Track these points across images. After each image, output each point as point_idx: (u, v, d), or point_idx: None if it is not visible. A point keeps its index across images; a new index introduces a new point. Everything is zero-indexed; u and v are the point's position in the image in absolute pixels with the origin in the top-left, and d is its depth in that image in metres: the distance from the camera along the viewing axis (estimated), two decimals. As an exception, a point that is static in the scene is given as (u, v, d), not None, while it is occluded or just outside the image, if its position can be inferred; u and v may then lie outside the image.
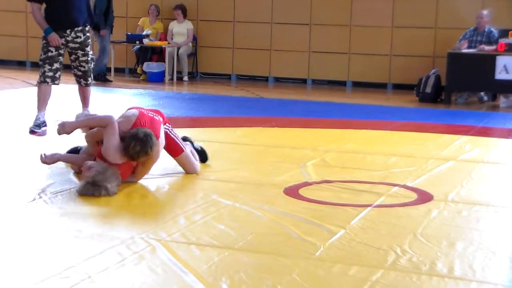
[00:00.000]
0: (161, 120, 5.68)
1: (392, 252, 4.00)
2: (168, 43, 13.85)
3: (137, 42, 13.75)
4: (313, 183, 5.65)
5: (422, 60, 12.93)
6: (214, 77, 14.44)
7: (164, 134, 5.62)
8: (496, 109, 11.17)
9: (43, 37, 7.60)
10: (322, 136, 7.89)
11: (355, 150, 7.05)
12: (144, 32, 13.86)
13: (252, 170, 6.08)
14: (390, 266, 3.80)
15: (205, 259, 3.84)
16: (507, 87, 11.06)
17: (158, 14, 14.24)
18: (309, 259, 3.88)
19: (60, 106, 9.05)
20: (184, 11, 14.03)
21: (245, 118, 9.22)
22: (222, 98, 11.55)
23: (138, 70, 14.19)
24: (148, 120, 5.54)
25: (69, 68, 7.93)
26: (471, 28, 11.72)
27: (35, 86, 7.98)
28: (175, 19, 14.13)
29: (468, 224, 4.67)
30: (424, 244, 4.18)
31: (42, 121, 7.59)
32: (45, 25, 7.57)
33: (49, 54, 7.59)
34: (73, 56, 7.73)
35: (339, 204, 5.02)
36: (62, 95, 9.57)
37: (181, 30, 14.05)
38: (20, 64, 15.32)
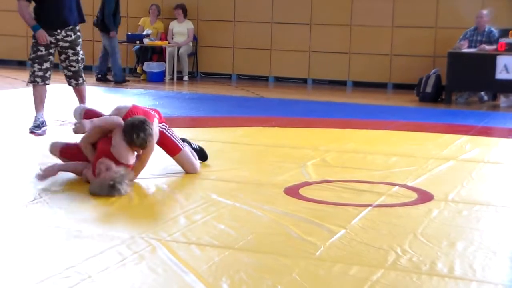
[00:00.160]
0: (156, 115, 5.68)
1: (392, 252, 4.00)
2: (169, 43, 13.85)
3: (137, 42, 13.75)
4: (313, 182, 5.65)
5: (423, 60, 12.92)
6: (214, 76, 14.44)
7: (160, 133, 5.62)
8: (497, 108, 11.16)
9: (33, 35, 7.48)
10: (322, 136, 7.89)
11: (356, 150, 7.05)
12: (145, 32, 13.86)
13: (253, 170, 6.08)
14: (391, 266, 3.80)
15: (205, 259, 3.84)
16: (507, 87, 11.05)
17: (158, 14, 14.24)
18: (309, 259, 3.88)
19: (60, 105, 9.05)
20: (184, 10, 14.02)
21: (245, 118, 9.22)
22: (222, 98, 11.55)
23: (139, 70, 14.19)
24: (141, 112, 5.56)
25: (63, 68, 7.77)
26: (471, 28, 11.71)
27: (25, 85, 7.91)
28: (175, 18, 14.13)
29: (468, 224, 4.67)
30: (425, 244, 4.18)
31: (41, 121, 7.57)
32: (32, 22, 7.44)
33: (38, 54, 7.49)
34: (63, 56, 7.61)
35: (339, 204, 5.02)
36: (62, 95, 9.56)
37: (181, 30, 14.05)
38: (20, 64, 15.31)
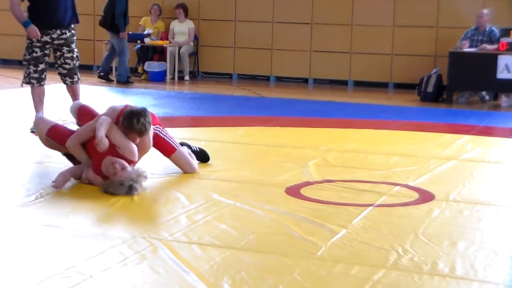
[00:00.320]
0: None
1: (393, 252, 4.00)
2: (170, 43, 13.85)
3: (138, 42, 13.75)
4: (314, 182, 5.65)
5: (424, 60, 12.92)
6: (215, 76, 14.44)
7: (154, 135, 5.61)
8: (498, 108, 11.15)
9: (27, 36, 7.44)
10: (323, 136, 7.89)
11: (357, 150, 7.05)
12: (146, 32, 13.85)
13: (254, 169, 6.08)
14: (392, 266, 3.80)
15: (206, 258, 3.84)
16: (508, 86, 11.04)
17: (159, 13, 14.23)
18: (310, 259, 3.88)
19: (61, 105, 9.04)
20: (185, 10, 14.02)
21: (246, 118, 9.22)
22: (223, 97, 11.55)
23: (140, 70, 14.19)
24: None
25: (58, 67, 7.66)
26: (472, 28, 11.70)
27: (20, 86, 7.89)
28: (176, 18, 14.13)
29: (469, 223, 4.67)
30: (426, 243, 4.18)
31: (42, 121, 7.57)
32: (23, 18, 7.40)
33: (33, 55, 7.47)
34: (58, 53, 7.56)
35: (340, 204, 5.02)
36: (62, 94, 9.55)
37: (182, 30, 14.05)
38: (21, 64, 15.26)
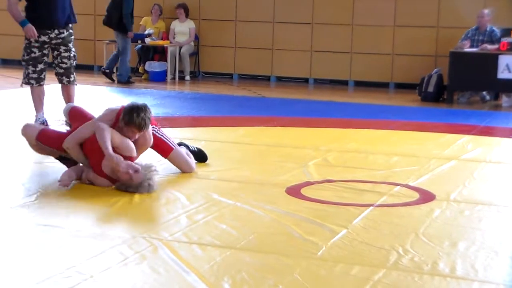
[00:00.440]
0: None
1: (394, 252, 4.00)
2: (170, 43, 13.85)
3: (139, 42, 13.75)
4: (315, 182, 5.65)
5: (424, 60, 12.91)
6: (216, 76, 14.43)
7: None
8: (498, 108, 11.15)
9: (25, 36, 7.43)
10: (324, 136, 7.89)
11: (357, 150, 7.05)
12: (146, 32, 13.85)
13: (254, 169, 6.08)
14: (392, 266, 3.80)
15: (207, 258, 3.84)
16: (509, 86, 11.03)
17: (160, 13, 14.24)
18: (311, 259, 3.88)
19: (61, 105, 9.03)
20: (186, 10, 14.02)
21: (247, 118, 9.22)
22: (224, 97, 11.55)
23: (140, 70, 14.19)
24: None
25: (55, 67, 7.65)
26: (473, 28, 11.70)
27: (20, 86, 7.89)
28: (177, 18, 14.12)
29: (470, 223, 4.66)
30: (426, 243, 4.18)
31: (42, 120, 7.56)
32: (20, 17, 7.39)
33: (32, 55, 7.48)
34: (55, 53, 7.55)
35: (341, 204, 5.02)
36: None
37: (183, 29, 14.05)
38: (21, 64, 15.27)
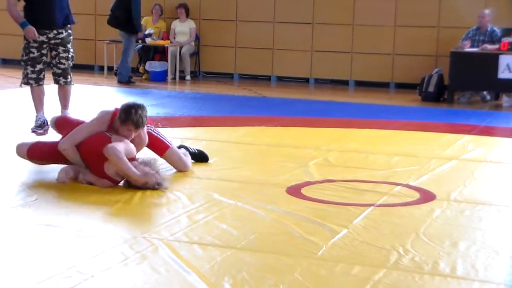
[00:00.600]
0: None
1: (394, 252, 4.00)
2: (171, 42, 13.85)
3: (139, 41, 13.75)
4: (315, 182, 5.65)
5: (425, 59, 12.91)
6: (216, 76, 14.43)
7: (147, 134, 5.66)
8: (499, 108, 11.15)
9: (24, 36, 7.42)
10: (324, 136, 7.89)
11: (358, 150, 7.05)
12: (147, 32, 13.85)
13: (255, 169, 6.08)
14: (393, 266, 3.80)
15: (207, 258, 3.84)
16: (510, 86, 11.04)
17: (161, 13, 14.24)
18: (311, 259, 3.88)
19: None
20: (187, 10, 14.02)
21: (247, 118, 9.22)
22: (224, 97, 11.55)
23: (141, 69, 14.19)
24: None
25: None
26: (473, 28, 11.70)
27: (19, 86, 7.89)
28: (177, 18, 14.12)
29: (470, 223, 4.66)
30: (427, 243, 4.18)
31: (43, 120, 7.56)
32: (20, 18, 7.39)
33: (31, 56, 7.47)
34: (53, 53, 7.55)
35: (341, 204, 5.02)
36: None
37: (183, 29, 14.05)
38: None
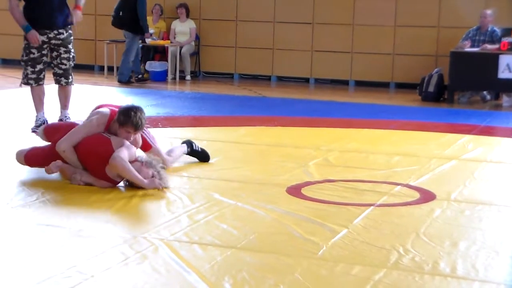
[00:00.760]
0: None
1: (394, 252, 4.00)
2: (171, 42, 13.85)
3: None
4: (315, 182, 5.65)
5: (425, 59, 12.91)
6: (216, 76, 14.43)
7: None
8: (499, 108, 11.15)
9: (24, 37, 7.42)
10: (324, 135, 7.89)
11: (358, 149, 7.05)
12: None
13: (255, 169, 6.08)
14: (393, 266, 3.80)
15: (207, 258, 3.84)
16: (510, 86, 11.03)
17: (161, 13, 14.23)
18: (311, 259, 3.88)
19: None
20: (187, 10, 14.02)
21: (247, 117, 9.22)
22: (224, 97, 11.55)
23: (141, 69, 14.17)
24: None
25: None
26: (474, 27, 11.70)
27: (19, 86, 7.89)
28: (177, 18, 14.12)
29: (471, 223, 4.67)
30: (427, 243, 4.18)
31: (43, 120, 7.56)
32: (23, 22, 7.38)
33: (31, 56, 7.46)
34: (54, 53, 7.54)
35: (341, 204, 5.02)
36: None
37: (183, 29, 14.04)
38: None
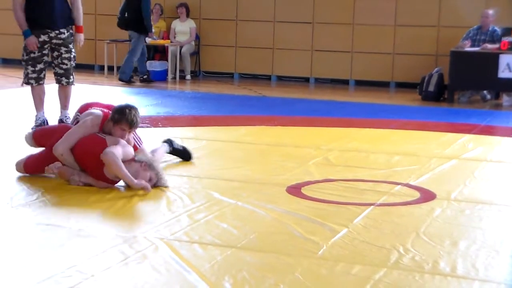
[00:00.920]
0: None
1: (395, 251, 4.00)
2: (171, 42, 13.85)
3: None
4: (315, 181, 5.65)
5: (425, 59, 12.91)
6: (216, 75, 14.43)
7: None
8: (499, 107, 11.15)
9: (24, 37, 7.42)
10: (325, 135, 7.89)
11: (358, 149, 7.05)
12: (149, 31, 13.84)
13: (255, 168, 6.08)
14: (393, 265, 3.80)
15: (208, 258, 3.84)
16: (510, 86, 11.04)
17: (161, 13, 14.24)
18: (311, 258, 3.88)
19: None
20: (187, 9, 14.02)
21: (247, 117, 9.22)
22: (224, 97, 11.55)
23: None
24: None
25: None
26: (474, 27, 11.69)
27: (21, 85, 7.89)
28: (177, 17, 14.12)
29: (471, 223, 4.67)
30: (427, 243, 4.18)
31: (43, 120, 7.56)
32: (24, 26, 7.36)
33: (31, 55, 7.45)
34: (55, 53, 7.53)
35: (341, 203, 5.02)
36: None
37: (183, 29, 14.04)
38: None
